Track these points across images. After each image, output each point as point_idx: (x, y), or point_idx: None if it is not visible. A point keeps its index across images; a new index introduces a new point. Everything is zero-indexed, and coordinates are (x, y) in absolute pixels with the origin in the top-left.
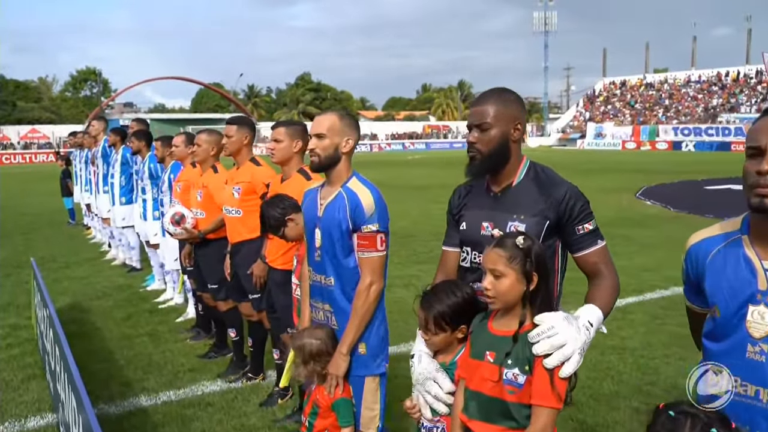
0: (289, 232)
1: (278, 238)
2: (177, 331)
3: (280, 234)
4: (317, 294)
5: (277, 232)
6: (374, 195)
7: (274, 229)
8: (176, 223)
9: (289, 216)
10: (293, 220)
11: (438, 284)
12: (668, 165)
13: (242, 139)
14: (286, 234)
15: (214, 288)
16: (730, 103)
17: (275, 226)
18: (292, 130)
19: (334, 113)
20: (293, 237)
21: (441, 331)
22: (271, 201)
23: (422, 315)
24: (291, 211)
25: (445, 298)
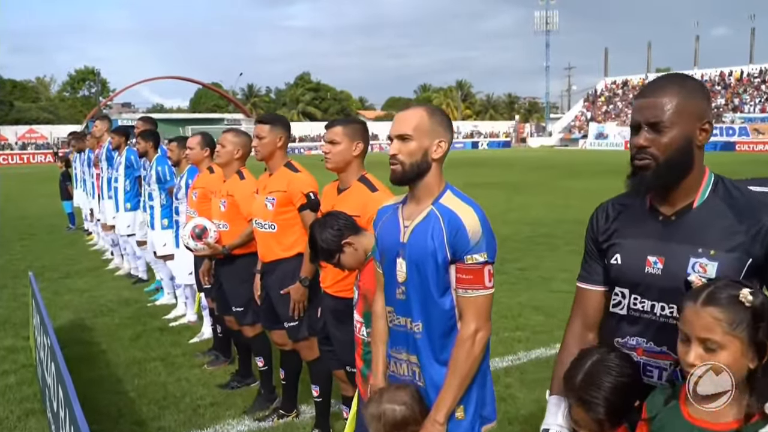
0: (346, 259)
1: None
2: (192, 354)
3: (334, 262)
4: (400, 341)
5: (331, 259)
6: (479, 214)
7: (326, 255)
8: (197, 237)
9: (346, 240)
10: (352, 244)
11: (590, 368)
12: None
13: (276, 141)
14: (342, 262)
15: (239, 311)
16: (734, 103)
17: (329, 252)
18: (351, 129)
19: (423, 108)
20: (351, 266)
21: (607, 428)
22: (323, 220)
23: (582, 417)
24: (349, 234)
25: (611, 390)
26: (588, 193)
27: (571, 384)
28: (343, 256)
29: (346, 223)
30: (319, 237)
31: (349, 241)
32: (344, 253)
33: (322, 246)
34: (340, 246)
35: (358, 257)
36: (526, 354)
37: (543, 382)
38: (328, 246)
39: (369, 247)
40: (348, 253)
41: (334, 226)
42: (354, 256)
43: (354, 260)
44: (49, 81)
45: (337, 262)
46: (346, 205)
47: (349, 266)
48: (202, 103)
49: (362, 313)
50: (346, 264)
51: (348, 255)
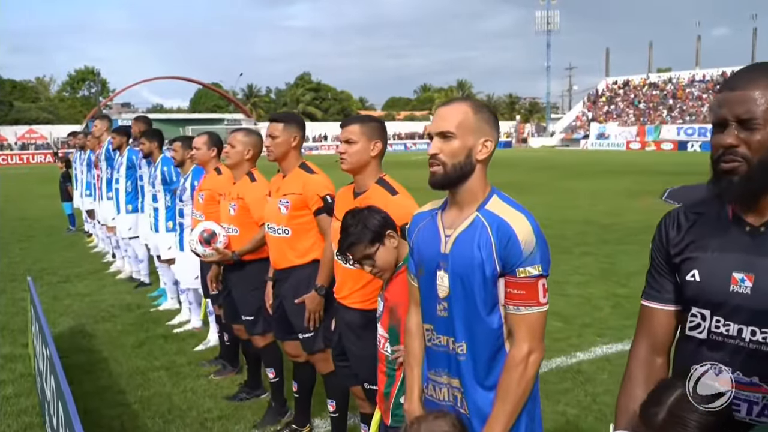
0: (382, 254)
1: (358, 263)
2: (197, 363)
3: (369, 252)
4: (440, 363)
5: (370, 245)
6: (531, 222)
7: (369, 239)
8: (206, 242)
9: (389, 231)
10: (393, 238)
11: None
12: (679, 166)
13: (290, 141)
14: (377, 256)
15: (249, 320)
16: None
17: (373, 235)
18: (369, 128)
19: (467, 103)
20: (383, 264)
21: None
22: (367, 207)
23: None
24: (390, 228)
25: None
26: (594, 194)
27: (651, 423)
28: (382, 249)
29: (385, 217)
30: (363, 219)
31: (392, 235)
32: (384, 245)
33: (366, 227)
34: (383, 234)
35: (393, 258)
36: (547, 363)
37: (565, 393)
38: (374, 229)
39: (403, 254)
40: (387, 247)
41: (380, 213)
42: (391, 254)
43: (388, 259)
44: (48, 81)
45: (372, 255)
46: None
47: (381, 264)
48: (202, 103)
49: (387, 328)
50: (380, 260)
51: (386, 250)
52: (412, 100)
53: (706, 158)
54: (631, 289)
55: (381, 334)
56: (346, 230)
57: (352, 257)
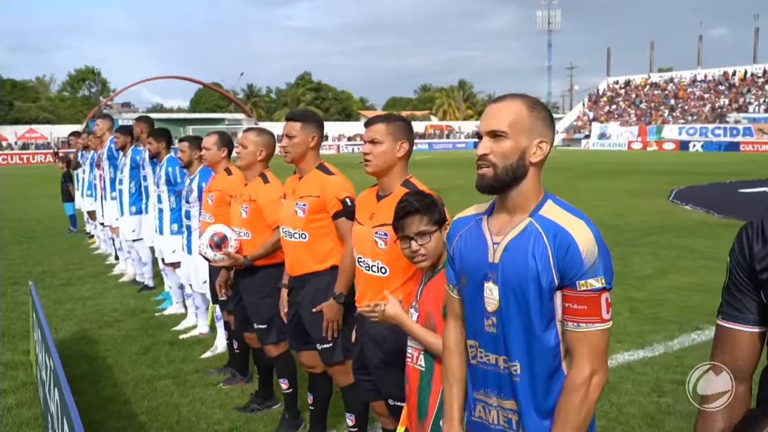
0: (436, 241)
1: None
2: (205, 371)
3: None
4: (489, 383)
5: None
6: (592, 229)
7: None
8: (216, 246)
9: (447, 221)
10: (445, 228)
11: None
12: (682, 166)
13: (308, 141)
14: (428, 244)
15: (262, 329)
16: (738, 103)
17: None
18: (395, 127)
19: (521, 100)
20: (433, 251)
21: None
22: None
23: None
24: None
25: None
26: (599, 194)
27: None
28: (438, 235)
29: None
30: (431, 199)
31: (443, 228)
32: (439, 234)
33: (435, 205)
34: (443, 223)
35: (438, 253)
36: None
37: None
38: (441, 212)
39: (444, 258)
40: (440, 236)
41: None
42: (438, 247)
43: (437, 250)
44: (48, 81)
45: (428, 233)
46: (389, 213)
47: (431, 249)
48: (203, 103)
49: (420, 337)
50: (432, 245)
51: (439, 238)
52: (413, 100)
53: (709, 158)
54: (647, 293)
55: (413, 346)
56: (407, 201)
57: (402, 230)
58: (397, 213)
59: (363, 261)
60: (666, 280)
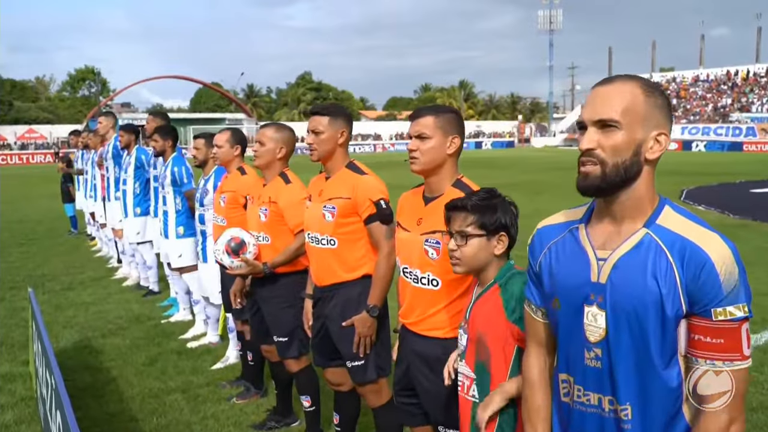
0: (475, 246)
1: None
2: (216, 384)
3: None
4: (588, 428)
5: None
6: (729, 244)
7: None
8: (234, 252)
9: (504, 235)
10: (502, 244)
11: None
12: (688, 166)
13: (336, 137)
14: (469, 244)
15: (282, 342)
16: (741, 102)
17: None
18: (445, 120)
19: (635, 82)
20: (468, 258)
21: None
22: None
23: None
24: (508, 236)
25: None
26: None
27: None
28: (480, 242)
29: (515, 228)
30: (494, 200)
31: (503, 240)
32: (486, 241)
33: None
34: (496, 231)
35: (482, 262)
36: None
37: None
38: (493, 216)
39: (495, 273)
40: (489, 245)
41: (515, 216)
42: (483, 256)
43: (477, 259)
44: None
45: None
46: (440, 218)
47: (465, 254)
48: (203, 103)
49: (474, 365)
50: (468, 250)
51: (484, 248)
52: (414, 100)
53: (713, 158)
54: None
55: (465, 373)
56: (469, 196)
57: (446, 222)
58: (447, 204)
59: (410, 272)
60: None
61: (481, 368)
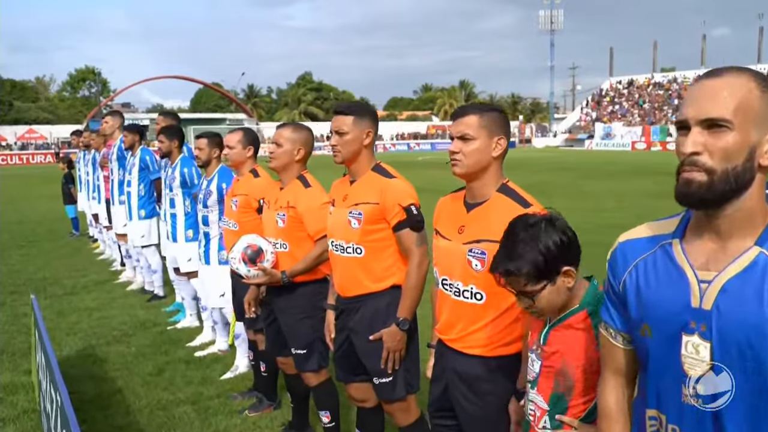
0: (547, 295)
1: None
2: (227, 395)
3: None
4: None
5: (534, 281)
6: None
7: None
8: (251, 260)
9: (569, 265)
10: (570, 276)
11: None
12: None
13: (361, 138)
14: (540, 297)
15: (300, 354)
16: None
17: (544, 266)
18: (490, 119)
19: (748, 76)
20: (546, 306)
21: None
22: (550, 219)
23: None
24: (571, 262)
25: None
26: (618, 195)
27: None
28: (550, 288)
29: (574, 240)
30: (537, 239)
31: (569, 271)
32: (554, 284)
33: (534, 256)
34: (557, 271)
35: (562, 301)
36: None
37: None
38: (546, 260)
39: (577, 296)
40: (558, 287)
41: (565, 234)
42: (560, 296)
43: (554, 302)
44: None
45: (533, 293)
46: (485, 226)
47: (542, 306)
48: (203, 103)
49: (549, 396)
50: (542, 301)
51: (556, 290)
52: (414, 100)
53: None
54: None
55: (536, 403)
56: (508, 247)
57: (504, 283)
58: (493, 263)
59: (451, 284)
60: None
61: (557, 400)
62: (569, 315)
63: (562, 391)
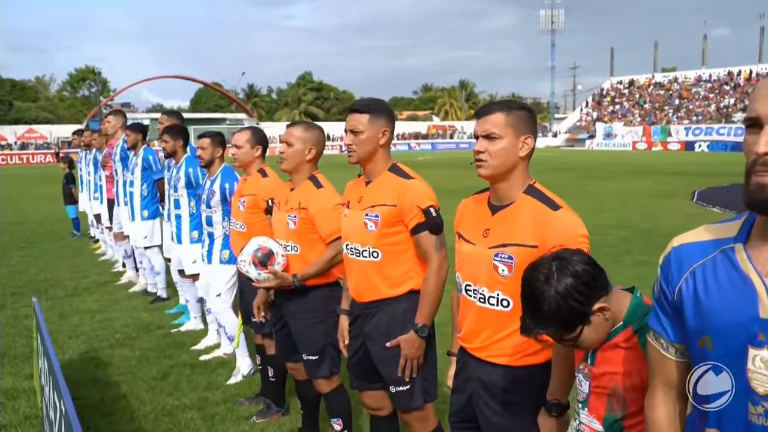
0: (590, 334)
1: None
2: (234, 400)
3: (571, 336)
4: None
5: (568, 331)
6: None
7: (563, 323)
8: (261, 263)
9: (599, 302)
10: (605, 310)
11: None
12: (692, 166)
13: (377, 137)
14: (584, 338)
15: (312, 360)
16: (744, 103)
17: (571, 317)
18: (517, 118)
19: None
20: (590, 343)
21: None
22: (557, 262)
23: None
24: (601, 292)
25: None
26: (620, 196)
27: None
28: (587, 329)
29: (597, 275)
30: (554, 292)
31: (603, 306)
32: (590, 324)
33: (558, 308)
34: (590, 312)
35: (605, 332)
36: None
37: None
38: (572, 311)
39: (620, 313)
40: (596, 324)
41: (580, 275)
42: (601, 330)
43: (595, 338)
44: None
45: (572, 339)
46: (512, 230)
47: (586, 345)
48: (203, 103)
49: (603, 420)
50: (586, 341)
51: (595, 327)
52: (414, 100)
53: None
54: None
55: (588, 425)
56: (528, 306)
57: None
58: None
59: (476, 290)
60: None
61: (613, 423)
62: (614, 334)
63: (618, 415)
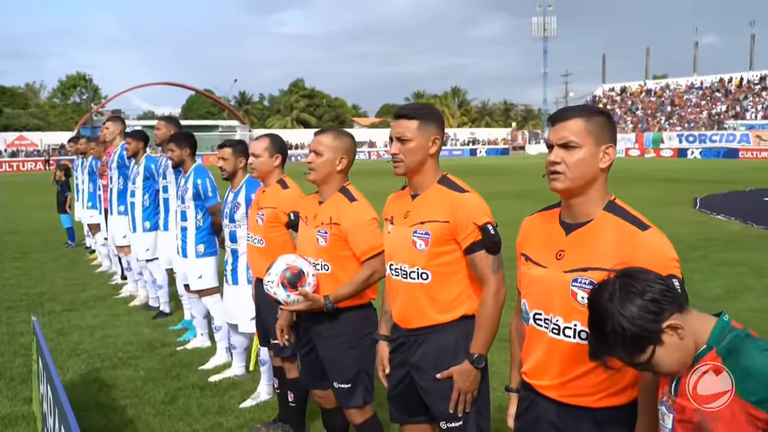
0: (664, 356)
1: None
2: (250, 426)
3: (642, 360)
4: None
5: (638, 353)
6: None
7: (630, 346)
8: (291, 284)
9: (669, 320)
10: (677, 329)
11: None
12: (688, 173)
13: (426, 145)
14: (657, 360)
15: (343, 389)
16: (735, 110)
17: (638, 340)
18: (597, 125)
19: None
20: (669, 367)
21: None
22: (622, 283)
23: None
24: (672, 310)
25: None
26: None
27: None
28: (660, 351)
29: (664, 290)
30: (617, 311)
31: (674, 324)
32: (663, 344)
33: (622, 328)
34: (659, 330)
35: (684, 356)
36: None
37: None
38: (639, 330)
39: (703, 335)
40: (670, 344)
41: (646, 293)
42: (679, 351)
43: (678, 357)
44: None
45: (643, 363)
46: (593, 252)
47: (663, 369)
48: (194, 110)
49: None
50: (660, 365)
51: (669, 348)
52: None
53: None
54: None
55: None
56: (593, 331)
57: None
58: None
59: (548, 319)
60: (741, 301)
61: None
62: (698, 359)
63: None
